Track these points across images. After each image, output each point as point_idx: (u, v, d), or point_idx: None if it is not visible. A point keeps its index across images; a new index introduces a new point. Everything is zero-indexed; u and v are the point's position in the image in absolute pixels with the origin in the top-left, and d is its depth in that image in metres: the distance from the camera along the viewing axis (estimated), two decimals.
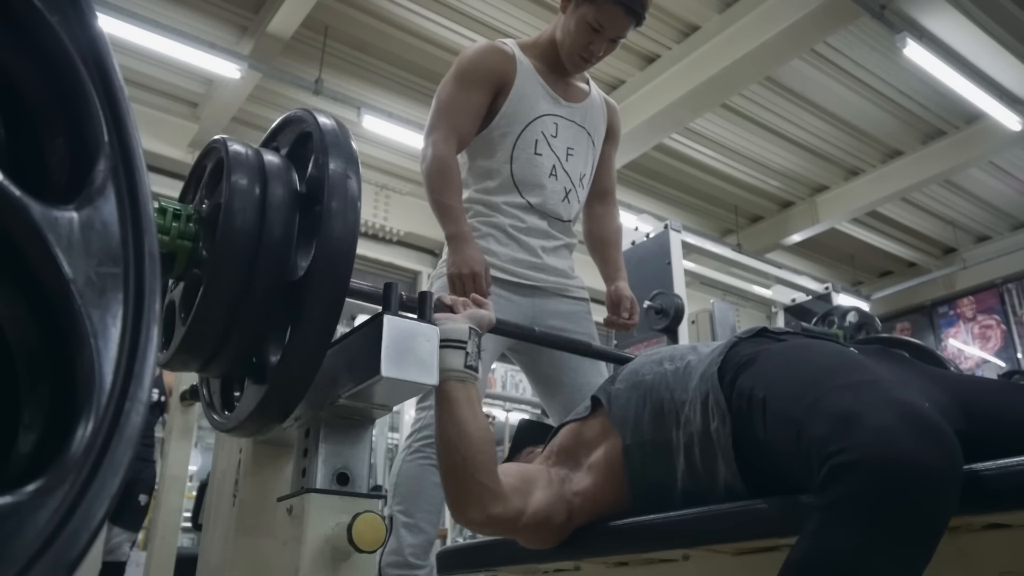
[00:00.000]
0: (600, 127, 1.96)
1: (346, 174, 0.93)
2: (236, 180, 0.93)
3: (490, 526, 1.15)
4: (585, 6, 1.74)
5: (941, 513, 0.78)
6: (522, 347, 1.81)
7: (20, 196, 0.34)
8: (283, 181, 0.97)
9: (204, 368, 1.05)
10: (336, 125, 0.99)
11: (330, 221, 0.90)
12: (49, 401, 0.35)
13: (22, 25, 0.37)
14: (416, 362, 1.25)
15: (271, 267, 0.93)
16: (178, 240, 0.96)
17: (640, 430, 1.15)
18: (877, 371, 0.95)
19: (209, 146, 1.07)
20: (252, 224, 0.92)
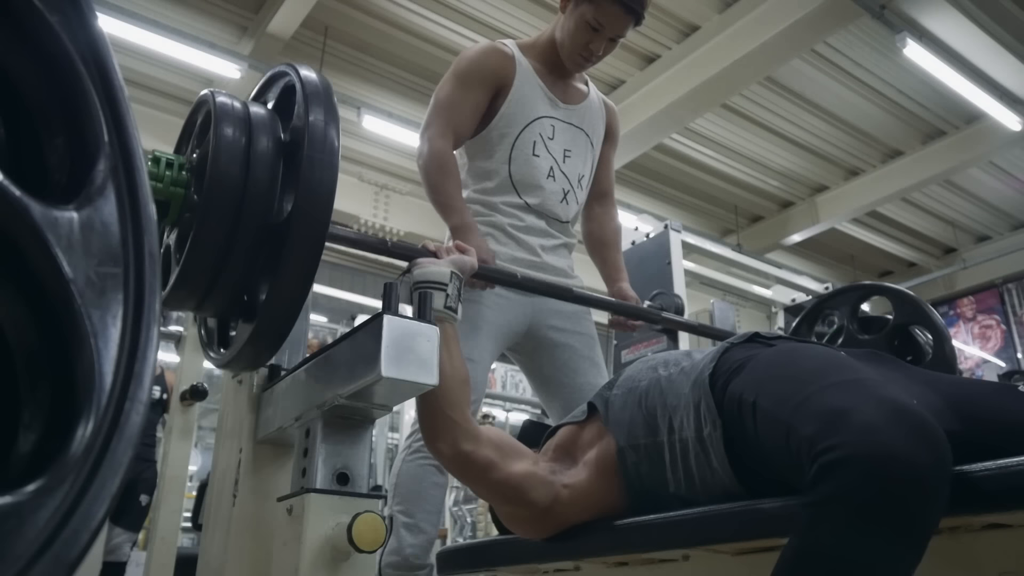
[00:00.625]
0: (599, 129, 1.96)
1: (326, 123, 0.99)
2: (222, 130, 1.00)
3: (458, 463, 1.19)
4: (584, 5, 1.74)
5: (930, 509, 0.78)
6: (522, 347, 1.81)
7: (20, 196, 0.34)
8: (268, 131, 1.03)
9: (199, 307, 1.12)
10: (318, 78, 1.05)
11: (311, 167, 0.97)
12: (49, 401, 0.35)
13: (22, 25, 0.37)
14: (416, 362, 1.25)
15: (256, 211, 1.00)
16: (171, 188, 1.03)
17: (634, 434, 1.16)
18: (864, 371, 0.96)
19: (199, 100, 1.12)
20: (238, 171, 0.99)
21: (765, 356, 1.07)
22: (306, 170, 0.97)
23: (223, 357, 1.16)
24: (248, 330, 1.05)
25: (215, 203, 0.98)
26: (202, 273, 1.02)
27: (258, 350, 1.08)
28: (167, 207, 1.04)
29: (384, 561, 1.56)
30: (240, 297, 1.08)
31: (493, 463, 1.17)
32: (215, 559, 1.63)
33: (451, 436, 1.17)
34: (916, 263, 9.42)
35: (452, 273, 1.24)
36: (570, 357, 1.80)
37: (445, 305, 1.22)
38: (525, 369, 1.89)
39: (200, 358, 3.03)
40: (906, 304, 1.83)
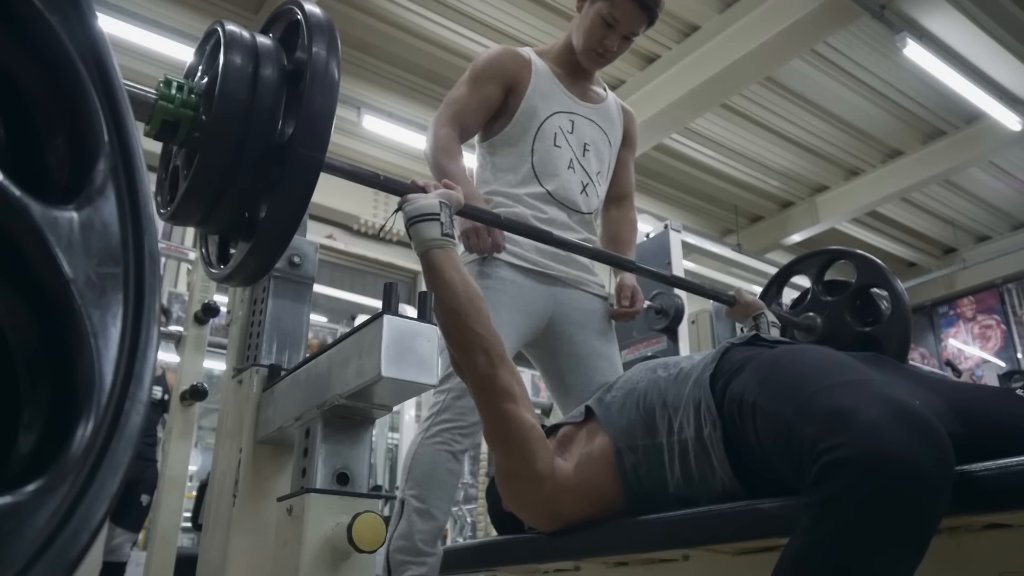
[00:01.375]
0: (616, 130, 2.00)
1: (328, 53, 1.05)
2: (230, 56, 1.05)
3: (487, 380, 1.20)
4: (600, 2, 1.80)
5: (933, 508, 0.78)
6: (540, 342, 1.80)
7: (20, 196, 0.34)
8: (273, 59, 1.09)
9: (203, 222, 1.16)
10: (322, 14, 1.12)
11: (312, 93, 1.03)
12: (49, 401, 0.35)
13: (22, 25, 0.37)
14: (416, 362, 1.25)
15: (260, 132, 1.05)
16: (181, 109, 1.07)
17: (633, 436, 1.16)
18: (867, 372, 0.96)
19: (209, 29, 1.17)
20: (244, 94, 1.04)
21: (766, 357, 1.07)
22: (308, 96, 1.03)
23: (223, 271, 1.21)
24: (248, 245, 1.11)
25: (223, 123, 1.03)
26: (208, 189, 1.08)
27: (256, 264, 1.14)
28: (176, 127, 1.08)
29: (392, 545, 1.55)
30: (241, 214, 1.14)
31: (512, 394, 1.19)
32: (215, 559, 1.63)
33: (483, 348, 1.20)
34: (916, 263, 9.42)
35: (441, 203, 1.28)
36: (588, 355, 1.80)
37: (442, 233, 1.26)
38: (541, 365, 1.88)
39: (200, 358, 3.04)
40: (868, 268, 1.96)
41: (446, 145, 1.77)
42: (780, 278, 2.19)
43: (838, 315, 1.93)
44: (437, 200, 1.28)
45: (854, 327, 1.90)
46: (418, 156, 6.78)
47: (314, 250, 1.90)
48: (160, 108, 1.06)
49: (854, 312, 1.93)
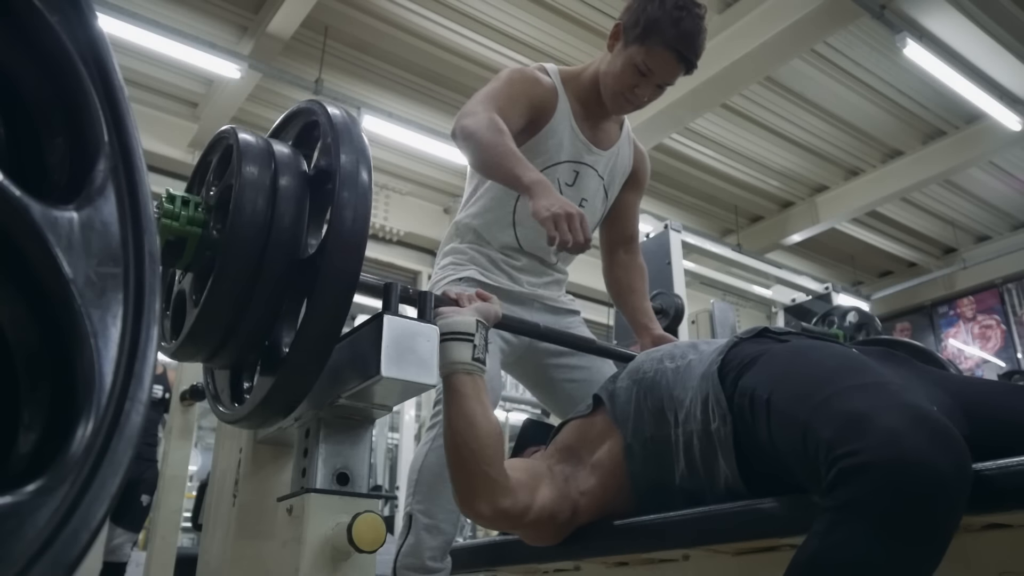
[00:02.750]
0: (620, 176, 1.89)
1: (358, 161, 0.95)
2: (247, 165, 0.95)
3: (497, 520, 1.15)
4: (634, 47, 1.66)
5: (951, 515, 0.78)
6: (523, 363, 1.79)
7: (20, 196, 0.34)
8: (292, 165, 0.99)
9: (214, 355, 1.05)
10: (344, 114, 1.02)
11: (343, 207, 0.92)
12: (49, 401, 0.35)
13: (22, 25, 0.37)
14: (416, 362, 1.25)
15: (282, 245, 0.95)
16: (188, 226, 0.98)
17: (640, 427, 1.15)
18: (884, 373, 0.95)
19: (216, 137, 1.08)
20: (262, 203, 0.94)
21: (779, 352, 1.06)
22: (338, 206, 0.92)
23: (235, 412, 1.09)
24: (269, 382, 0.99)
25: (241, 237, 0.92)
26: (223, 314, 0.96)
27: (279, 403, 1.01)
28: (182, 247, 0.98)
29: (400, 562, 1.54)
30: (260, 343, 1.01)
31: (528, 507, 1.13)
32: (215, 559, 1.63)
33: (489, 495, 1.12)
34: (916, 263, 9.41)
35: (478, 322, 1.19)
36: (579, 360, 1.79)
37: (473, 357, 1.16)
38: (529, 384, 1.87)
39: None
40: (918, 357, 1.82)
41: (499, 127, 1.54)
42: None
43: None
44: (475, 318, 1.18)
45: None
46: (418, 156, 6.78)
47: None
48: (164, 227, 0.96)
49: None
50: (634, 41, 1.66)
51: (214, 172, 1.07)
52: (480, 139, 1.51)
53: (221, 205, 0.98)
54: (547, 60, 1.87)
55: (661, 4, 1.66)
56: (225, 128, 1.06)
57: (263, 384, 1.02)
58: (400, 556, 1.54)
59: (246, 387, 1.10)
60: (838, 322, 4.17)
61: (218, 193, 1.01)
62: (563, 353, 1.78)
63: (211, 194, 1.03)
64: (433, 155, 6.50)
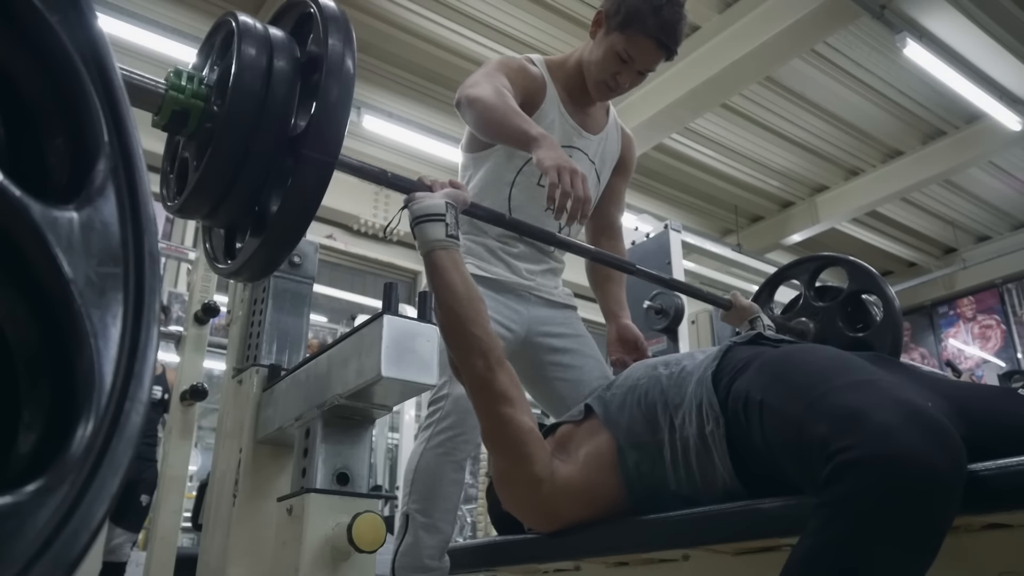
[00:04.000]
0: (610, 161, 1.91)
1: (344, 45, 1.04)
2: (244, 46, 1.04)
3: (484, 382, 1.19)
4: (615, 35, 1.69)
5: (946, 511, 0.78)
6: (520, 356, 1.79)
7: (20, 196, 0.34)
8: (286, 50, 1.08)
9: (211, 215, 1.14)
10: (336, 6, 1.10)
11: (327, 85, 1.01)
12: (49, 401, 0.35)
13: (22, 25, 0.37)
14: (416, 362, 1.25)
15: (273, 124, 1.04)
16: (192, 99, 1.05)
17: (634, 433, 1.16)
18: (877, 372, 0.96)
19: (219, 20, 1.15)
20: (257, 84, 1.03)
21: (772, 355, 1.07)
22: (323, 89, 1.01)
23: (230, 267, 1.19)
24: (258, 240, 1.09)
25: (236, 112, 1.02)
26: (219, 180, 1.06)
27: (266, 258, 1.11)
28: (187, 118, 1.07)
29: (398, 561, 1.54)
30: (251, 208, 1.12)
31: (510, 397, 1.18)
32: (215, 559, 1.63)
33: (481, 353, 1.19)
34: (916, 263, 9.42)
35: (447, 204, 1.27)
36: (572, 358, 1.79)
37: (447, 234, 1.24)
38: (522, 376, 1.86)
39: (200, 358, 3.03)
40: (859, 273, 1.96)
41: (503, 91, 1.56)
42: (771, 283, 2.20)
43: (830, 320, 1.94)
44: (443, 200, 1.27)
45: (846, 332, 1.91)
46: (418, 156, 6.78)
47: (314, 250, 1.90)
48: (170, 98, 1.05)
49: (846, 317, 1.94)
50: (615, 29, 1.69)
51: (217, 52, 1.15)
52: (485, 101, 1.54)
53: (221, 82, 1.06)
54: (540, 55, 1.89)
55: None
56: (227, 12, 1.14)
57: (252, 243, 1.12)
58: (398, 556, 1.54)
59: (238, 247, 1.19)
60: None
61: (219, 71, 1.10)
62: (557, 351, 1.78)
63: (213, 72, 1.12)
64: (433, 155, 6.50)
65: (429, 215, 1.25)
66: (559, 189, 1.33)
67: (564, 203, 1.34)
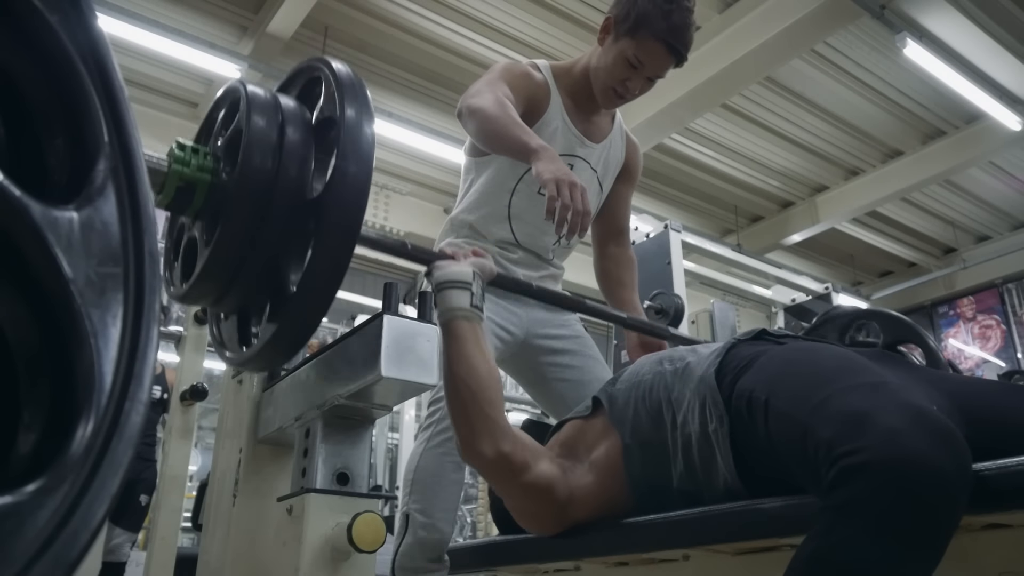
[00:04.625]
0: (613, 168, 1.89)
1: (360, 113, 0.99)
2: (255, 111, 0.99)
3: (499, 464, 1.14)
4: (625, 40, 1.67)
5: (951, 515, 0.78)
6: (519, 358, 1.79)
7: (20, 196, 0.34)
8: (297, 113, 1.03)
9: (221, 299, 1.07)
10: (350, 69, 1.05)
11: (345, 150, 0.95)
12: (49, 401, 0.35)
13: (22, 25, 0.37)
14: (416, 362, 1.25)
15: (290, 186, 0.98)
16: (198, 172, 1.00)
17: (639, 430, 1.15)
18: (883, 374, 0.95)
19: (223, 93, 1.11)
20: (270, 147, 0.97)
21: (777, 354, 1.06)
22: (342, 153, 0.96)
23: (242, 355, 1.11)
24: (277, 320, 1.02)
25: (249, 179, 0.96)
26: (233, 257, 0.99)
27: (290, 340, 1.04)
28: (192, 192, 1.00)
29: (398, 562, 1.54)
30: (268, 284, 1.05)
31: (528, 464, 1.14)
32: (215, 559, 1.63)
33: (492, 436, 1.13)
34: (916, 263, 9.41)
35: (474, 273, 1.22)
36: (572, 359, 1.79)
37: (471, 304, 1.19)
38: (523, 379, 1.86)
39: (200, 358, 3.03)
40: (894, 327, 1.82)
41: (499, 100, 1.56)
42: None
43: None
44: (471, 269, 1.22)
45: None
46: (418, 156, 6.77)
47: None
48: (174, 172, 0.98)
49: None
50: (625, 34, 1.67)
51: (222, 123, 1.10)
52: (487, 112, 1.53)
53: (230, 152, 1.01)
54: (546, 60, 1.88)
55: None
56: (233, 81, 1.09)
57: (271, 324, 1.04)
58: (398, 556, 1.54)
59: (254, 331, 1.12)
60: None
61: (226, 141, 1.04)
62: (556, 352, 1.78)
63: (219, 143, 1.06)
64: (433, 155, 6.50)
65: (455, 282, 1.20)
66: (559, 202, 1.32)
67: (564, 216, 1.33)
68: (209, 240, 1.00)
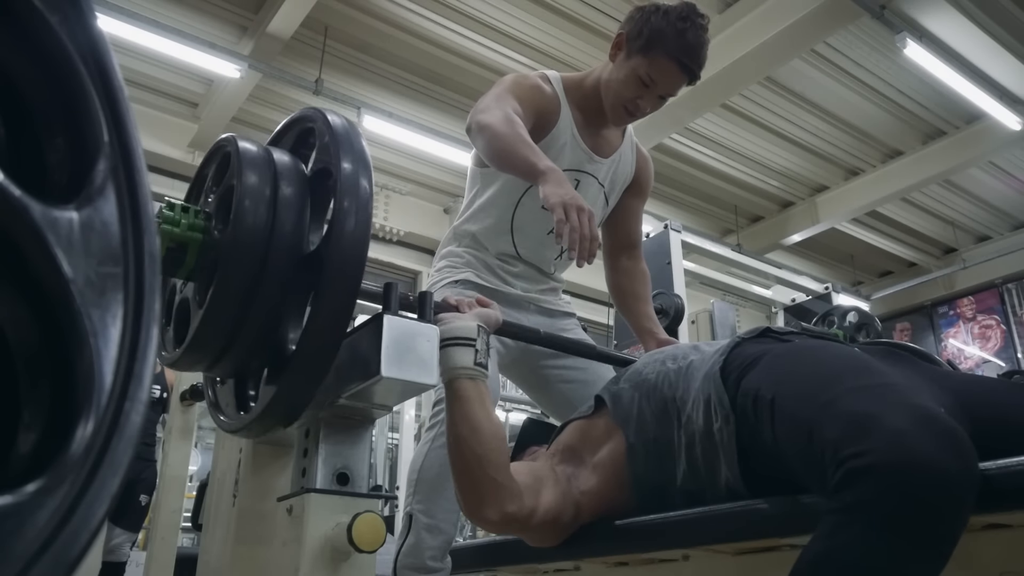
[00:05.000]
0: (621, 183, 1.87)
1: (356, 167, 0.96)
2: (246, 166, 0.96)
3: (504, 525, 1.14)
4: (637, 58, 1.65)
5: (958, 517, 0.77)
6: (519, 365, 1.79)
7: (20, 196, 0.34)
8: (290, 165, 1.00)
9: (215, 362, 1.04)
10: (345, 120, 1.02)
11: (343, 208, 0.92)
12: (49, 401, 0.35)
13: (22, 25, 0.37)
14: (416, 362, 1.25)
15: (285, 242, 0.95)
16: (188, 232, 0.98)
17: (643, 429, 1.15)
18: (889, 374, 0.95)
19: (213, 148, 1.08)
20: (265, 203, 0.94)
21: (782, 352, 1.06)
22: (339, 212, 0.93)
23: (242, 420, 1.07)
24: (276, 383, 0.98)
25: (243, 235, 0.93)
26: (229, 317, 0.96)
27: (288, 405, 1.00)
28: (183, 253, 0.98)
29: (400, 561, 1.54)
30: (265, 345, 1.01)
31: (533, 510, 1.13)
32: (215, 559, 1.63)
33: (496, 501, 1.11)
34: (916, 263, 9.41)
35: (479, 327, 1.18)
36: (574, 360, 1.78)
37: (475, 362, 1.16)
38: (525, 384, 1.86)
39: None
40: None
41: (514, 119, 1.52)
42: None
43: None
44: (475, 323, 1.18)
45: None
46: (418, 156, 6.77)
47: None
48: (164, 233, 0.96)
49: None
50: (638, 52, 1.65)
51: (212, 179, 1.07)
52: (495, 130, 1.51)
53: (221, 209, 0.98)
54: (547, 60, 1.88)
55: (665, 15, 1.65)
56: (222, 137, 1.06)
57: (269, 387, 1.01)
58: (400, 556, 1.54)
59: (251, 394, 1.09)
60: (838, 322, 4.16)
61: (218, 197, 1.01)
62: (558, 355, 1.78)
63: (210, 200, 1.04)
64: (433, 155, 6.50)
65: (458, 339, 1.16)
66: (567, 226, 1.30)
67: (575, 241, 1.31)
68: (202, 301, 0.97)
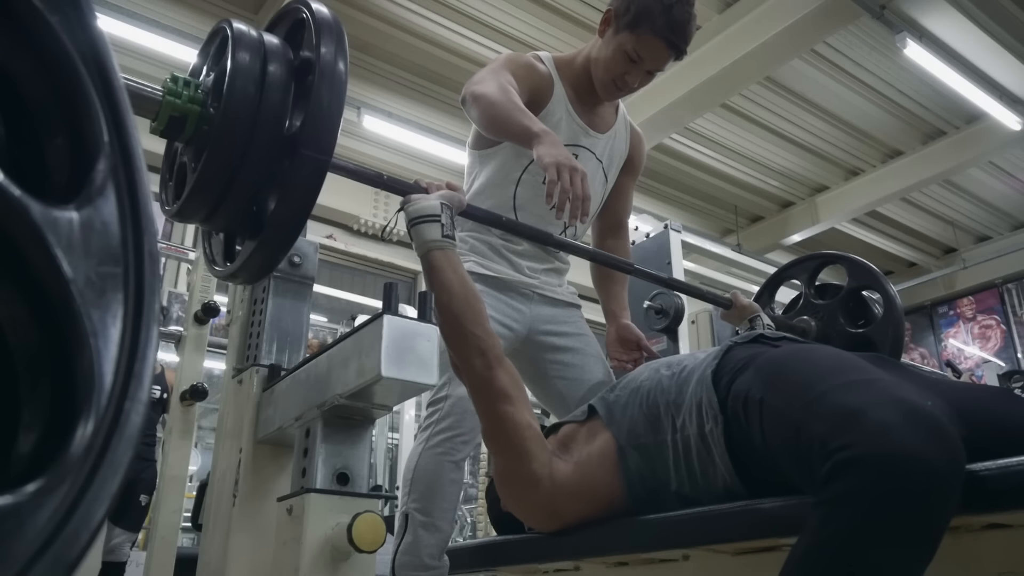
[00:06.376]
0: (618, 160, 1.89)
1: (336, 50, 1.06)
2: (238, 51, 1.06)
3: (484, 381, 1.21)
4: (624, 34, 1.67)
5: (944, 509, 0.78)
6: (522, 354, 1.79)
7: (20, 196, 0.34)
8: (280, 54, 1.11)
9: (209, 218, 1.15)
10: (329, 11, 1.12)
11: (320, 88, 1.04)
12: (49, 401, 0.35)
13: (22, 25, 0.37)
14: (416, 362, 1.25)
15: (269, 124, 1.06)
16: (188, 104, 1.08)
17: (635, 433, 1.16)
18: (876, 372, 0.96)
19: (214, 28, 1.18)
20: (252, 87, 1.05)
21: (772, 355, 1.07)
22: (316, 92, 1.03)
23: (228, 269, 1.21)
24: (256, 241, 1.11)
25: (232, 115, 1.04)
26: (216, 182, 1.07)
27: (263, 260, 1.13)
28: (184, 122, 1.09)
29: (398, 561, 1.54)
30: (248, 209, 1.14)
31: (510, 396, 1.19)
32: (215, 559, 1.63)
33: (480, 349, 1.21)
34: (916, 263, 9.42)
35: (443, 205, 1.28)
36: (573, 357, 1.79)
37: (443, 234, 1.26)
38: (527, 378, 1.86)
39: (200, 358, 3.04)
40: (859, 270, 1.96)
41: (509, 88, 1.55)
42: (772, 283, 2.21)
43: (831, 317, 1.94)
44: (439, 202, 1.28)
45: (847, 329, 1.92)
46: (418, 156, 6.78)
47: (314, 250, 1.90)
48: (167, 103, 1.07)
49: (847, 314, 1.95)
50: (624, 28, 1.68)
51: (212, 59, 1.17)
52: (490, 98, 1.54)
53: (217, 87, 1.08)
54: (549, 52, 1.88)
55: None
56: (223, 20, 1.16)
57: (250, 244, 1.13)
58: (398, 555, 1.54)
59: (237, 249, 1.21)
60: None
61: (215, 76, 1.11)
62: (558, 349, 1.78)
63: (209, 78, 1.14)
64: (433, 155, 6.50)
65: (424, 216, 1.26)
66: (558, 186, 1.33)
67: (564, 201, 1.34)
68: (196, 166, 1.09)
